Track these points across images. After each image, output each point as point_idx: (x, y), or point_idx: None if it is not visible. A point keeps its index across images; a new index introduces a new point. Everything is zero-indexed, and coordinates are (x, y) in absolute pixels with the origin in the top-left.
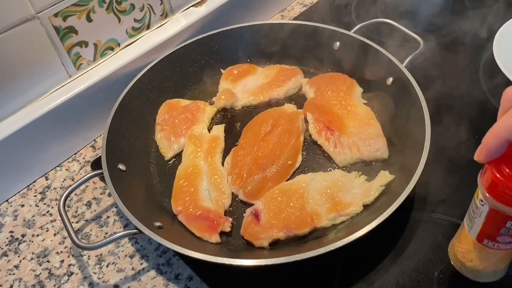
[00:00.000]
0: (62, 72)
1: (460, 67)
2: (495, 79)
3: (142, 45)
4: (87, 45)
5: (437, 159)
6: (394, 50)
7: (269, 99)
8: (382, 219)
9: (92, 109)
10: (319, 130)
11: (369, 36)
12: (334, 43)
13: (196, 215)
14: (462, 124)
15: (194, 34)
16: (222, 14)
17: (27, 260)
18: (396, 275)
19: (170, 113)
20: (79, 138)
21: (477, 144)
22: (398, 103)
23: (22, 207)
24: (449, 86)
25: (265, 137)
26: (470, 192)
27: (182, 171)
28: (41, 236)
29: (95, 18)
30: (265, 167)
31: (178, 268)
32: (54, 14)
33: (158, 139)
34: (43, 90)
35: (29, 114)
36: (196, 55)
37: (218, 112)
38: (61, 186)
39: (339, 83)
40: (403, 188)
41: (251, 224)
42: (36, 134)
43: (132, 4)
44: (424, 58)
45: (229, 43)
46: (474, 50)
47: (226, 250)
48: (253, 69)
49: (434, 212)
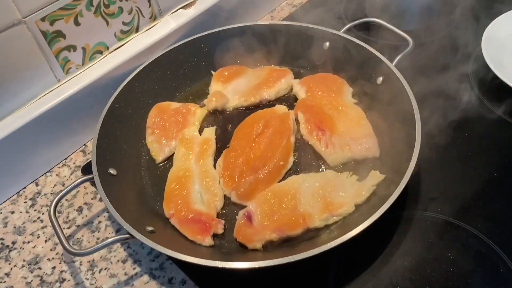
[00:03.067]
0: (50, 77)
1: (449, 65)
2: (484, 76)
3: (131, 48)
4: (76, 49)
5: (428, 157)
6: (384, 49)
7: (260, 100)
8: (374, 218)
9: (81, 113)
10: (310, 130)
11: (359, 36)
12: (324, 43)
13: (189, 218)
14: (452, 122)
15: (183, 36)
16: (212, 16)
17: (18, 268)
18: (389, 274)
19: (160, 116)
20: (69, 143)
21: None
22: (388, 102)
23: (12, 213)
24: (439, 84)
25: (256, 138)
26: (462, 189)
27: (174, 174)
28: (32, 243)
29: (83, 21)
30: (257, 168)
31: (171, 272)
32: (41, 18)
33: (149, 142)
34: (31, 95)
35: (18, 120)
36: (186, 57)
37: (209, 114)
38: (52, 191)
39: (329, 83)
40: (394, 187)
41: (244, 226)
42: (25, 139)
43: (120, 7)
44: (414, 57)
45: (219, 44)
46: (463, 48)
47: (219, 253)
48: (244, 71)
49: (426, 210)
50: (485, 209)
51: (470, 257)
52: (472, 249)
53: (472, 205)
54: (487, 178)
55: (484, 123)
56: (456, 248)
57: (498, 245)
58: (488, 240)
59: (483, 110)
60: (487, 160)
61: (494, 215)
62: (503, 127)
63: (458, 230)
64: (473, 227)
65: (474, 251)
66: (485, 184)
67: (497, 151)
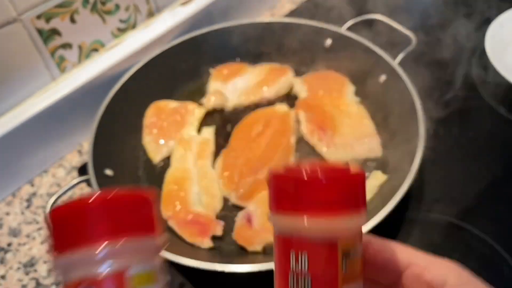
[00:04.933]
0: (46, 76)
1: (452, 63)
2: (489, 74)
3: (128, 46)
4: (71, 47)
5: (432, 157)
6: (386, 46)
7: (260, 99)
8: (377, 220)
9: (77, 112)
10: (311, 130)
11: (361, 33)
12: (325, 40)
13: (187, 219)
14: (456, 121)
15: (181, 34)
16: (210, 13)
17: (13, 270)
18: None
19: (158, 115)
20: (65, 143)
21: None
22: (391, 101)
23: (7, 215)
24: (442, 83)
25: (256, 138)
26: (466, 190)
27: (172, 175)
28: (28, 245)
29: (79, 19)
30: (257, 169)
31: (169, 276)
32: (36, 16)
33: (146, 142)
34: (26, 95)
35: (12, 120)
36: (184, 55)
37: (208, 114)
38: (47, 192)
39: (331, 81)
40: (397, 188)
41: (244, 228)
42: (20, 139)
43: (117, 4)
44: (416, 54)
45: (218, 42)
46: (467, 46)
47: (218, 256)
48: (243, 69)
49: (429, 211)
50: (490, 210)
51: (474, 259)
52: (476, 251)
53: (476, 206)
54: (491, 178)
55: (488, 122)
56: (460, 249)
57: (502, 247)
58: (492, 241)
59: (487, 109)
60: (491, 160)
61: (498, 216)
62: (508, 127)
63: (462, 231)
64: (477, 228)
65: (478, 252)
66: (490, 184)
67: (501, 150)
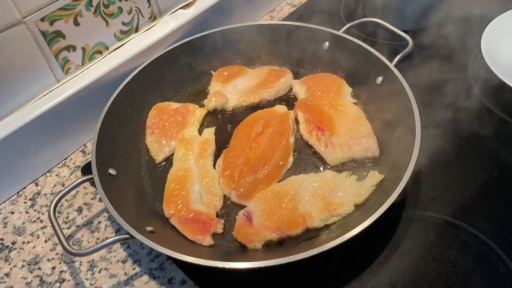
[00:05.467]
0: (50, 77)
1: (448, 65)
2: (484, 75)
3: (130, 48)
4: (75, 49)
5: (428, 157)
6: (383, 49)
7: (260, 100)
8: (373, 218)
9: (81, 113)
10: (310, 130)
11: (358, 36)
12: (324, 43)
13: (188, 218)
14: (451, 121)
15: (183, 36)
16: (211, 16)
17: (18, 268)
18: (389, 274)
19: (160, 116)
20: (69, 143)
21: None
22: (388, 102)
23: (12, 214)
24: (438, 84)
25: (256, 138)
26: (461, 189)
27: (174, 174)
28: (32, 243)
29: (82, 22)
30: (257, 168)
31: (171, 272)
32: (40, 18)
33: (149, 142)
34: (31, 96)
35: (18, 120)
36: (186, 58)
37: (208, 114)
38: (51, 192)
39: (329, 83)
40: (394, 187)
41: (244, 226)
42: (25, 140)
43: (120, 7)
44: (413, 57)
45: (219, 44)
46: (463, 47)
47: (219, 253)
48: (243, 71)
49: (425, 210)
50: (485, 209)
51: (470, 257)
52: (471, 249)
53: (471, 204)
54: (486, 177)
55: (484, 122)
56: (455, 247)
57: (497, 245)
58: (488, 239)
59: (482, 109)
60: (486, 160)
61: (493, 215)
62: (503, 127)
63: (457, 229)
64: (472, 227)
65: (474, 250)
66: (485, 183)
67: (496, 150)
